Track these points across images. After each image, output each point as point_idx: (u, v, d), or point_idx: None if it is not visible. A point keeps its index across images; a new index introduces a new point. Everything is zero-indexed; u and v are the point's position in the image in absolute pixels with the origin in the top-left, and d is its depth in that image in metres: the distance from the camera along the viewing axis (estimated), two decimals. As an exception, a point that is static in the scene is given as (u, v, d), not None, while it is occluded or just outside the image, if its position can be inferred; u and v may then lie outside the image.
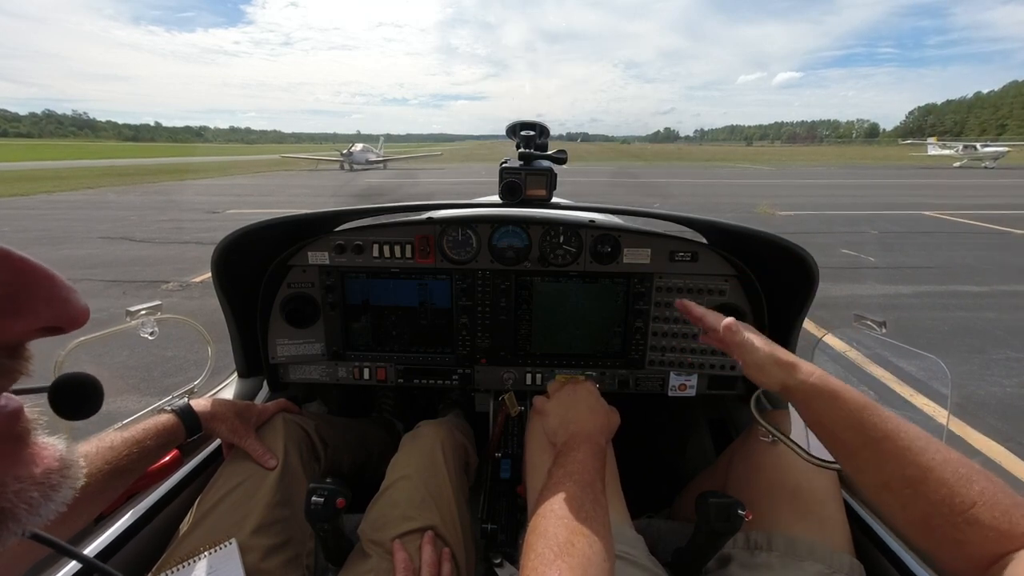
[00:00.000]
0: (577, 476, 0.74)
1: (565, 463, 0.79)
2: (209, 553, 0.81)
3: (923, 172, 26.91)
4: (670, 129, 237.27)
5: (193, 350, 3.40)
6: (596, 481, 0.75)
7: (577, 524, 0.64)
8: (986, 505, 0.54)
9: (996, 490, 0.55)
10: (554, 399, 1.02)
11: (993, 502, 0.54)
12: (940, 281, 5.74)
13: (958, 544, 0.55)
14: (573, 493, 0.70)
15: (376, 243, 1.23)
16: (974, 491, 0.55)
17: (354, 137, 43.78)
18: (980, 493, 0.55)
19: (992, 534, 0.53)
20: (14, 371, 0.30)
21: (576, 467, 0.77)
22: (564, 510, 0.67)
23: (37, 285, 0.29)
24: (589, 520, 0.65)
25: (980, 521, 0.54)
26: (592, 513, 0.67)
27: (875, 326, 1.02)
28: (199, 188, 18.60)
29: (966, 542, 0.55)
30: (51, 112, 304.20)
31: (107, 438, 0.83)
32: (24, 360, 0.31)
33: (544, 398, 1.06)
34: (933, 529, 0.58)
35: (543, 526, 0.65)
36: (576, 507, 0.67)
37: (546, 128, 1.11)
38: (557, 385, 1.08)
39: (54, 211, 11.91)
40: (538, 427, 1.04)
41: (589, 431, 0.89)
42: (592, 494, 0.71)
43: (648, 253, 1.22)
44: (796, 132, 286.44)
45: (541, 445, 1.00)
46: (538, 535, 0.64)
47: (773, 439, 0.94)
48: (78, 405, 0.49)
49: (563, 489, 0.71)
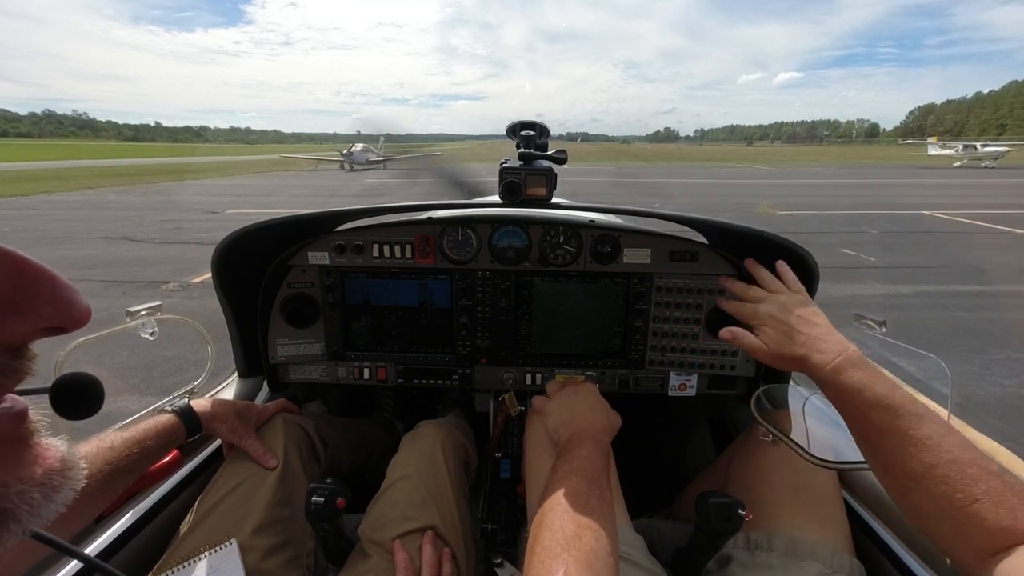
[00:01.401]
0: (582, 471, 0.74)
1: (570, 459, 0.79)
2: (209, 553, 0.81)
3: (923, 172, 26.91)
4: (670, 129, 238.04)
5: (193, 350, 3.40)
6: (602, 477, 0.75)
7: (583, 518, 0.64)
8: (990, 502, 0.55)
9: (1004, 489, 0.56)
10: (555, 399, 1.02)
11: (999, 500, 0.55)
12: (940, 281, 5.74)
13: (958, 534, 0.57)
14: (579, 488, 0.70)
15: (376, 243, 1.23)
16: (978, 490, 0.56)
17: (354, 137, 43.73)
18: (985, 492, 0.56)
19: (994, 528, 0.54)
20: (18, 371, 0.30)
21: (581, 463, 0.77)
22: (570, 504, 0.67)
23: (39, 285, 0.29)
24: (595, 514, 0.65)
25: (981, 516, 0.55)
26: (598, 508, 0.67)
27: (875, 325, 1.02)
28: (199, 188, 18.61)
29: (966, 533, 0.56)
30: (51, 112, 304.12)
31: (107, 438, 0.83)
32: (28, 360, 0.31)
33: (544, 398, 1.06)
34: (934, 517, 0.60)
35: (549, 519, 0.66)
36: (583, 501, 0.67)
37: (546, 128, 1.10)
38: (556, 386, 1.07)
39: (54, 211, 11.91)
40: (538, 427, 1.04)
41: (592, 429, 0.89)
42: (598, 489, 0.71)
43: (648, 253, 1.22)
44: (796, 132, 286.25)
45: (542, 444, 1.00)
46: (544, 528, 0.64)
47: (773, 439, 0.94)
48: (79, 405, 0.49)
49: (569, 484, 0.71)
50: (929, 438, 0.62)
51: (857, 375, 0.69)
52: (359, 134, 45.35)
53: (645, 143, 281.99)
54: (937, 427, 0.63)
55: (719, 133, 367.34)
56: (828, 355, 0.72)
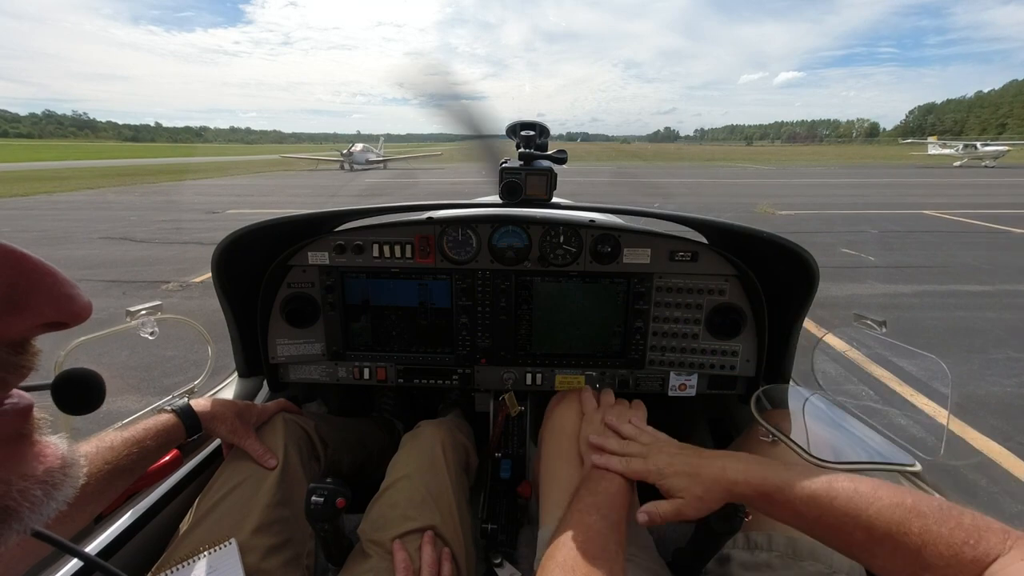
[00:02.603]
0: (605, 510, 0.74)
1: (595, 490, 0.79)
2: (209, 553, 0.81)
3: (923, 171, 26.89)
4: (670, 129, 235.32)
5: (193, 350, 3.40)
6: (622, 520, 0.75)
7: (598, 564, 0.64)
8: (930, 544, 0.55)
9: (930, 523, 0.56)
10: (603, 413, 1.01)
11: (936, 539, 0.55)
12: (940, 280, 5.74)
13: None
14: (599, 529, 0.70)
15: (376, 243, 1.23)
16: (912, 537, 0.56)
17: (354, 137, 43.72)
18: (919, 534, 0.56)
19: (950, 572, 0.53)
20: (21, 367, 0.30)
21: (605, 499, 0.77)
22: (587, 545, 0.67)
23: (40, 281, 0.29)
24: (611, 563, 0.65)
25: (932, 566, 0.54)
26: (615, 555, 0.67)
27: (875, 325, 1.02)
28: (199, 188, 18.61)
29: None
30: (51, 112, 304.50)
31: (107, 438, 0.83)
32: (30, 356, 0.31)
33: (595, 405, 1.06)
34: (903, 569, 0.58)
35: (563, 556, 0.66)
36: (600, 545, 0.67)
37: (546, 128, 1.10)
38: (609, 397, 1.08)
39: (54, 211, 11.92)
40: (566, 430, 1.04)
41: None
42: (616, 535, 0.71)
43: (648, 253, 1.22)
44: (796, 132, 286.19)
45: (567, 454, 0.99)
46: (557, 564, 0.65)
47: (773, 439, 0.94)
48: (81, 400, 0.49)
49: (589, 521, 0.71)
50: (848, 504, 0.61)
51: (766, 492, 0.68)
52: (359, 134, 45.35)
53: (645, 143, 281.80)
54: (863, 482, 0.63)
55: (719, 133, 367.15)
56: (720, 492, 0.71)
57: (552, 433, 1.08)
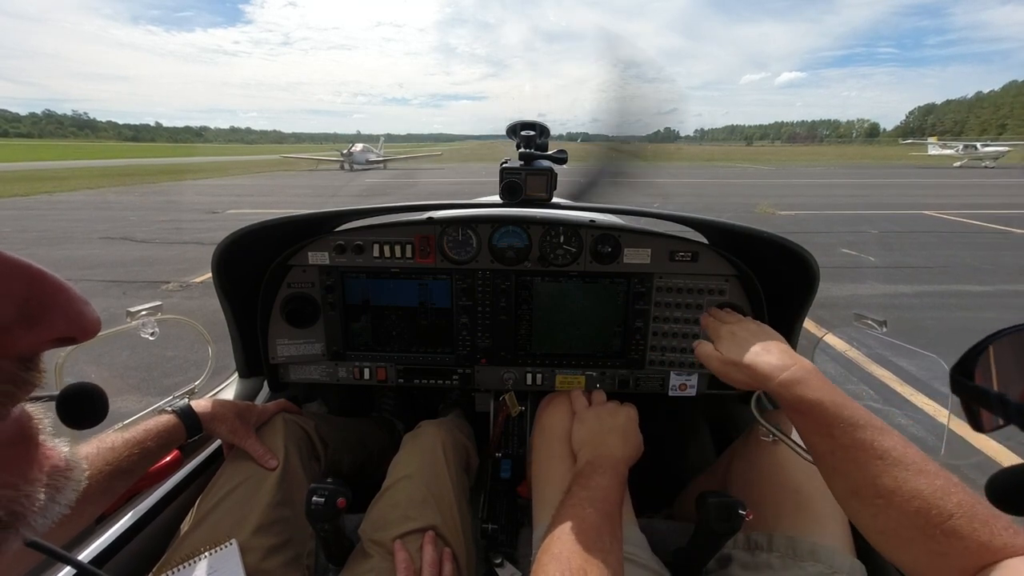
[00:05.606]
0: (599, 503, 0.74)
1: (588, 485, 0.79)
2: (210, 553, 0.81)
3: (923, 172, 26.89)
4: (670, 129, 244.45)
5: (193, 350, 3.40)
6: (616, 513, 0.75)
7: (593, 555, 0.64)
8: (965, 517, 0.53)
9: (974, 502, 0.54)
10: (595, 411, 1.01)
11: (972, 514, 0.53)
12: (940, 281, 5.74)
13: (938, 556, 0.54)
14: (592, 521, 0.70)
15: (376, 243, 1.23)
16: (951, 503, 0.54)
17: (354, 137, 43.75)
18: (958, 505, 0.54)
19: (973, 545, 0.52)
20: (28, 383, 0.30)
21: (598, 493, 0.77)
22: (581, 536, 0.66)
23: (53, 297, 0.30)
24: (605, 552, 0.65)
25: (959, 533, 0.52)
26: (609, 546, 0.67)
27: (875, 325, 1.02)
28: (199, 188, 18.60)
29: (946, 554, 0.53)
30: (51, 112, 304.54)
31: (108, 439, 0.83)
32: (38, 372, 0.31)
33: (585, 403, 1.06)
34: (909, 541, 0.56)
35: (557, 548, 0.66)
36: (594, 536, 0.67)
37: (546, 128, 1.10)
38: (601, 396, 1.08)
39: (54, 211, 11.91)
40: (556, 430, 1.04)
41: (617, 457, 0.89)
42: (610, 526, 0.71)
43: (648, 253, 1.22)
44: (796, 132, 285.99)
45: (557, 452, 1.00)
46: (551, 556, 0.65)
47: (773, 439, 0.94)
48: (84, 415, 0.50)
49: (583, 514, 0.71)
50: (894, 449, 0.59)
51: (814, 388, 0.67)
52: (359, 134, 45.49)
53: (645, 143, 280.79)
54: (898, 439, 0.61)
55: (719, 133, 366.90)
56: (777, 367, 0.71)
57: (543, 435, 1.08)
